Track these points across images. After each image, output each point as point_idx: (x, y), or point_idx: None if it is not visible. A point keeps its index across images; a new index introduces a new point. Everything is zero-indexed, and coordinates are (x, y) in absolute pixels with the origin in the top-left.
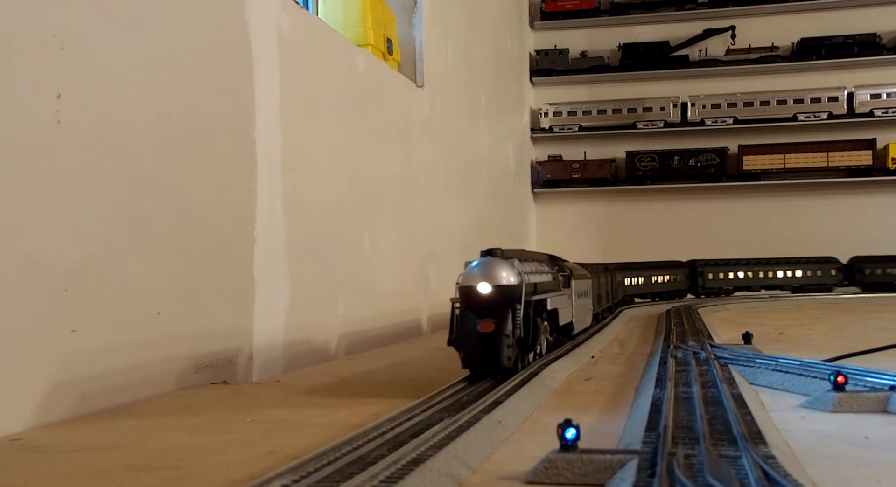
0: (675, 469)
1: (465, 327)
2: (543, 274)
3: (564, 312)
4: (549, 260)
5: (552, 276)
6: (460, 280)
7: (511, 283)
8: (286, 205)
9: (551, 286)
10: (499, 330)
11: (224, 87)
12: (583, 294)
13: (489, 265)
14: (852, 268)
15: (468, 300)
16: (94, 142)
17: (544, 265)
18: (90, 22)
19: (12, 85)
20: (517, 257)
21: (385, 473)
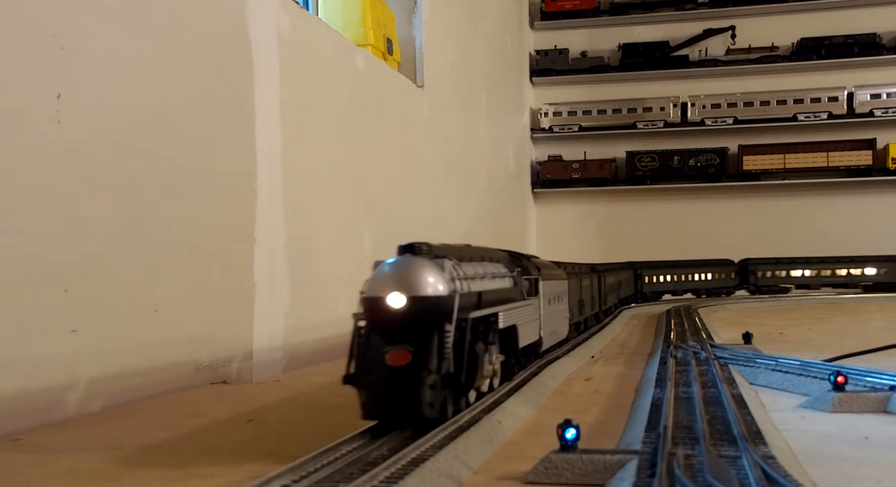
0: (675, 470)
1: (370, 358)
2: (497, 278)
3: (528, 328)
4: (510, 259)
5: (512, 281)
6: (365, 288)
7: (438, 293)
8: (286, 204)
9: (508, 295)
10: (417, 362)
11: (224, 87)
12: (556, 299)
13: (407, 267)
14: None
15: (375, 318)
16: (94, 142)
17: (500, 266)
18: (90, 22)
19: (12, 85)
20: (453, 256)
21: (385, 473)
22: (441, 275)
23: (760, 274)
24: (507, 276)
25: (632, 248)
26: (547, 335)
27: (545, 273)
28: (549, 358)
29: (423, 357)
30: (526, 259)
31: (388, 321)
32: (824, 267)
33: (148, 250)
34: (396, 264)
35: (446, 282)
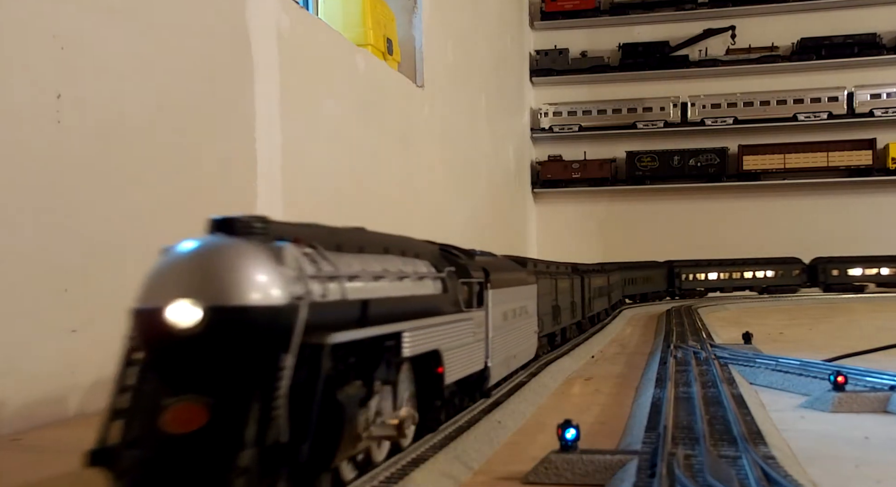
0: (675, 470)
1: (136, 415)
2: (410, 280)
3: (462, 355)
4: (441, 255)
5: (440, 286)
6: (139, 295)
7: (265, 301)
8: (286, 204)
9: (428, 305)
10: (218, 427)
11: (224, 87)
12: (517, 312)
13: (209, 256)
14: None
15: (149, 345)
16: (94, 142)
17: (421, 264)
18: (90, 22)
19: (12, 85)
20: (310, 240)
21: (385, 473)
22: (275, 271)
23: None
24: (429, 278)
25: (632, 248)
26: (499, 362)
27: (498, 276)
28: (548, 359)
29: (230, 416)
30: (468, 255)
31: (169, 351)
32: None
33: (148, 250)
34: (193, 252)
35: (285, 283)
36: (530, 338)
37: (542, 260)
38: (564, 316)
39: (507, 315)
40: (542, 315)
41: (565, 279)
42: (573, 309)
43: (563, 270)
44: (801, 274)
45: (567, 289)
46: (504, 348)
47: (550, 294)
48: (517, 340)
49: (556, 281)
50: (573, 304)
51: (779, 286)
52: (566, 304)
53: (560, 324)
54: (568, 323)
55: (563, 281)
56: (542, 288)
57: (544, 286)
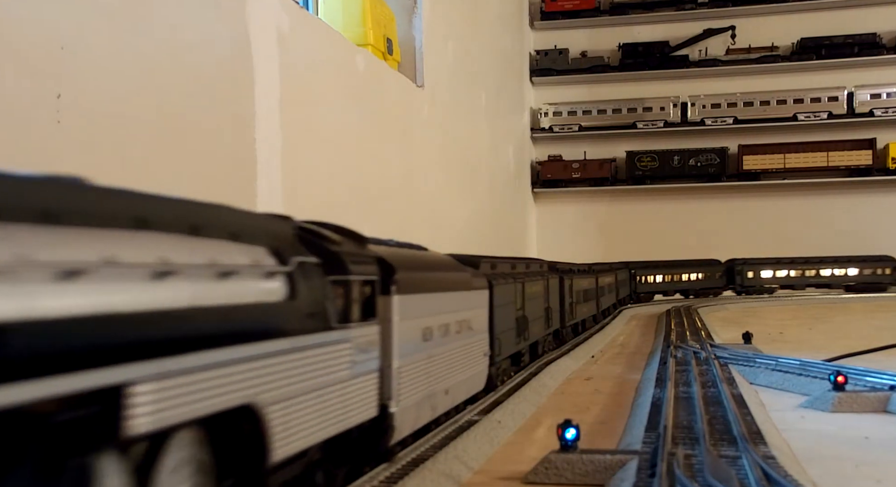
0: (675, 470)
1: None
2: (208, 279)
3: (321, 403)
4: (299, 238)
5: (285, 286)
6: None
7: None
8: (286, 204)
9: (248, 320)
10: None
11: (224, 87)
12: (451, 328)
13: None
14: None
15: None
16: (94, 142)
17: (249, 252)
18: (90, 22)
19: (12, 85)
20: None
21: (385, 473)
22: None
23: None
24: (258, 275)
25: (632, 248)
26: (414, 403)
27: (410, 275)
28: (549, 358)
29: None
30: (354, 240)
31: None
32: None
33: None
34: None
35: None
36: (476, 364)
37: (505, 259)
38: (535, 328)
39: (430, 332)
40: (501, 331)
41: (536, 282)
42: (548, 318)
43: (535, 271)
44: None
45: (539, 294)
46: (425, 381)
47: (513, 302)
48: (452, 368)
49: (521, 286)
50: (548, 312)
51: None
52: (537, 313)
53: (527, 340)
54: (540, 336)
55: (533, 284)
56: (500, 296)
57: (504, 293)
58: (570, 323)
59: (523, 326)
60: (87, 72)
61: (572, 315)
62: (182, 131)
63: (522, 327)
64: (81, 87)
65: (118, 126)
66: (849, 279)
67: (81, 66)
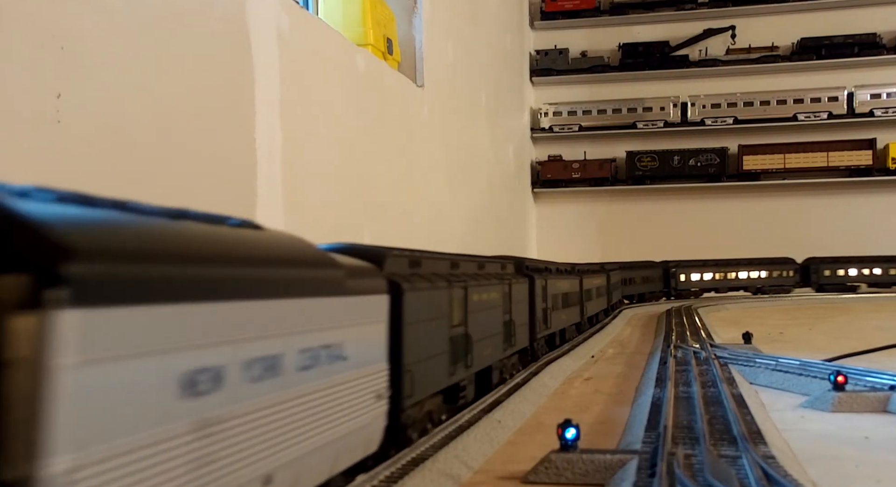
0: (675, 469)
1: None
2: None
3: None
4: None
5: None
6: None
7: None
8: (286, 204)
9: None
10: None
11: (224, 87)
12: (299, 359)
13: None
14: None
15: None
16: (94, 142)
17: None
18: (90, 22)
19: (12, 85)
20: None
21: (385, 473)
22: None
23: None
24: None
25: (632, 248)
26: None
27: (122, 270)
28: (549, 358)
29: None
30: None
31: None
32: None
33: None
34: None
35: None
36: (356, 414)
37: (444, 255)
38: (486, 349)
39: (213, 377)
40: (418, 359)
41: (490, 287)
42: (510, 335)
43: (490, 272)
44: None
45: (495, 304)
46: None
47: (445, 316)
48: (285, 433)
49: (463, 292)
50: (510, 326)
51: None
52: (490, 329)
53: (470, 367)
54: (495, 360)
55: (483, 290)
56: (416, 306)
57: (425, 302)
58: (542, 334)
59: (463, 348)
60: (87, 72)
61: (546, 324)
62: (182, 131)
63: (462, 350)
64: (81, 87)
65: (118, 126)
66: (758, 281)
67: (81, 66)
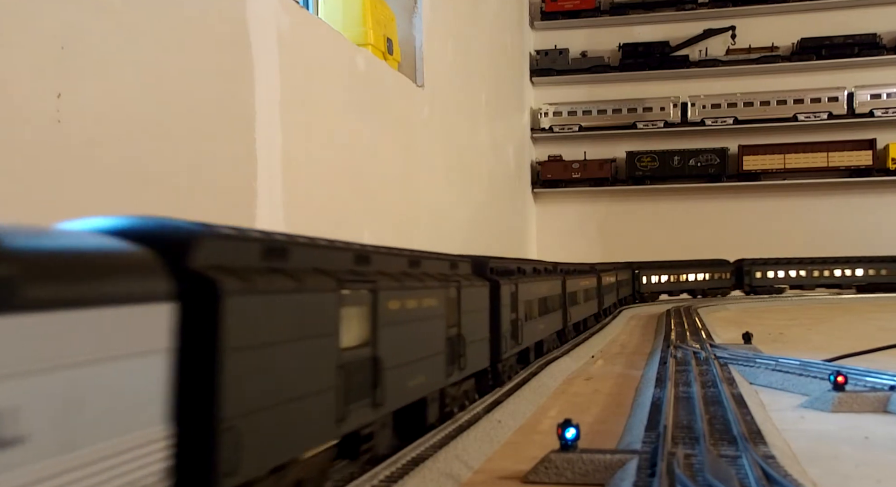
0: (675, 469)
1: None
2: None
3: None
4: None
5: None
6: None
7: None
8: (286, 204)
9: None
10: None
11: (224, 87)
12: None
13: None
14: None
15: None
16: (94, 142)
17: None
18: (90, 22)
19: (12, 85)
20: None
21: (385, 473)
22: None
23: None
24: None
25: (632, 248)
26: None
27: None
28: (549, 358)
29: None
30: None
31: None
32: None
33: None
34: None
35: None
36: None
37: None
38: (413, 377)
39: None
40: (247, 411)
41: (424, 292)
42: (455, 354)
43: (430, 273)
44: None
45: (433, 313)
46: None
47: (324, 335)
48: None
49: (371, 299)
50: (456, 343)
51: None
52: (424, 347)
53: (382, 405)
54: (434, 389)
55: (412, 297)
56: (250, 324)
57: (276, 314)
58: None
59: (368, 379)
60: (87, 71)
61: (517, 339)
62: (182, 131)
63: (365, 381)
64: (81, 87)
65: (118, 126)
66: (701, 284)
67: (81, 66)
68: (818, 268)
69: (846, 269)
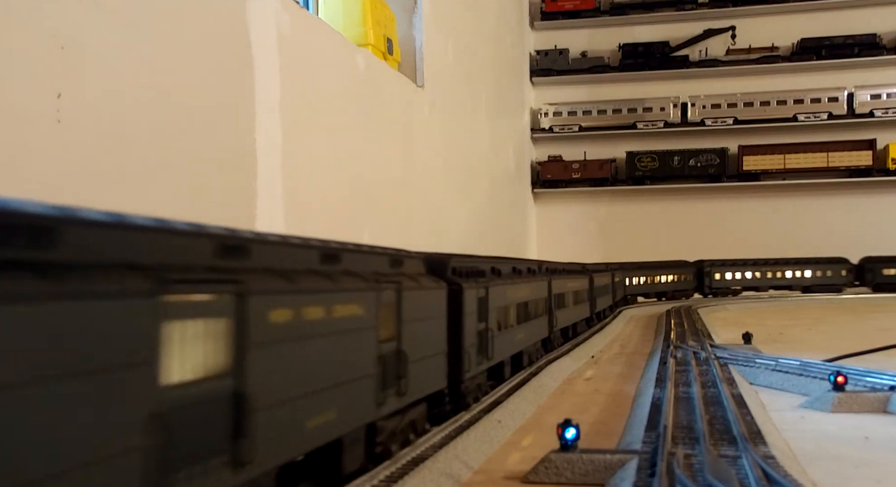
0: (675, 469)
1: None
2: None
3: None
4: None
5: None
6: None
7: None
8: (286, 204)
9: None
10: None
11: (224, 87)
12: None
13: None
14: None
15: None
16: (94, 142)
17: None
18: (90, 22)
19: (12, 85)
20: None
21: (385, 473)
22: None
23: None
24: None
25: (633, 248)
26: None
27: None
28: (549, 358)
29: None
30: None
31: None
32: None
33: None
34: None
35: None
36: None
37: (171, 228)
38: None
39: None
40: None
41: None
42: (391, 376)
43: (355, 271)
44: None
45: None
46: None
47: (123, 367)
48: None
49: (237, 306)
50: (395, 361)
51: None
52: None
53: (254, 463)
54: (357, 426)
55: (315, 302)
56: None
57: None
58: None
59: (229, 423)
60: (87, 71)
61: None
62: (182, 131)
63: (225, 426)
64: (81, 87)
65: (118, 125)
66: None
67: (81, 66)
68: (770, 270)
69: (797, 271)
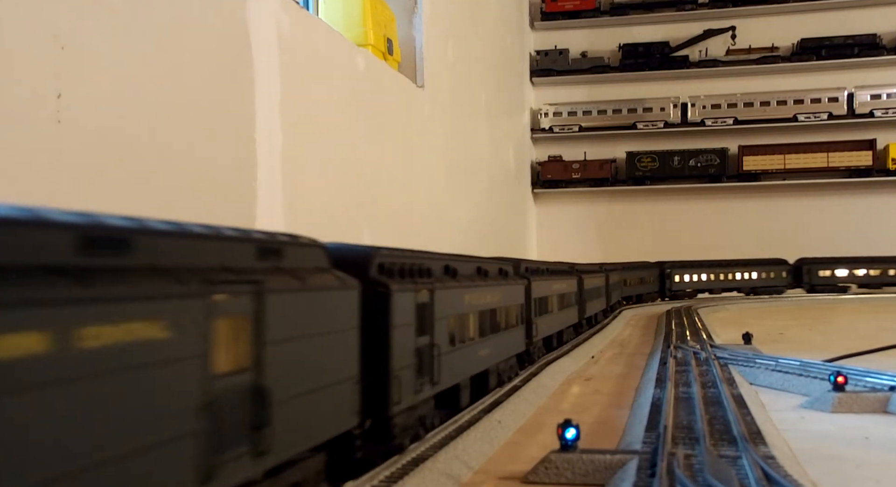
0: (675, 469)
1: None
2: None
3: None
4: None
5: None
6: None
7: None
8: (286, 203)
9: None
10: None
11: (224, 88)
12: None
13: None
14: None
15: None
16: (94, 142)
17: None
18: (90, 22)
19: (12, 85)
20: None
21: (385, 473)
22: None
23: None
24: None
25: (632, 249)
26: None
27: None
28: (549, 358)
29: None
30: None
31: None
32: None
33: None
34: None
35: None
36: None
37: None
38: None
39: None
40: None
41: (146, 311)
42: (226, 430)
43: (185, 268)
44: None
45: (164, 363)
46: None
47: None
48: None
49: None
50: (240, 406)
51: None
52: (154, 429)
53: None
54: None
55: (127, 321)
56: None
57: None
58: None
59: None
60: (87, 72)
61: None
62: (182, 131)
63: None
64: (81, 87)
65: (118, 126)
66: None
67: (81, 66)
68: (723, 272)
69: (744, 273)
